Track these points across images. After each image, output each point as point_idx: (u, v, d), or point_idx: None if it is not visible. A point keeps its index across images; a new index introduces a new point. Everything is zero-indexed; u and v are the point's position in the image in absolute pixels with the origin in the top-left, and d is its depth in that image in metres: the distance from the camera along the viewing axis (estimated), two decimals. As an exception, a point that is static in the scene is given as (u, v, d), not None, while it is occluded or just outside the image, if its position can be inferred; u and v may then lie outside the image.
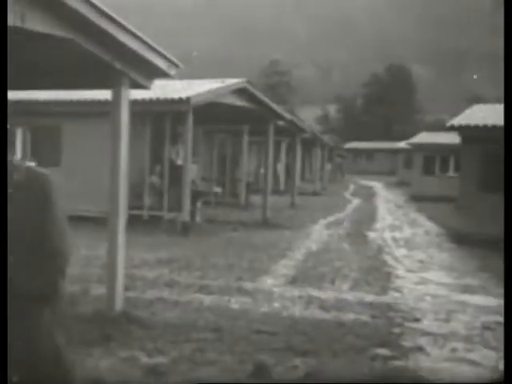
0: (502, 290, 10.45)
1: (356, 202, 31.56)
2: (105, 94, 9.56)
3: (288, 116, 22.72)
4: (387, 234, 18.03)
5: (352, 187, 45.52)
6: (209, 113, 18.80)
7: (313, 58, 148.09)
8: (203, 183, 21.65)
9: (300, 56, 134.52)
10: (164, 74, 7.72)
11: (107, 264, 7.62)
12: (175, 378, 5.81)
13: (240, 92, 18.31)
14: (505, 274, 5.15)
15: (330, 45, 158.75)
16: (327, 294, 9.68)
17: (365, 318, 8.32)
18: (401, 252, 14.74)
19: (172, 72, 7.71)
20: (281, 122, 22.65)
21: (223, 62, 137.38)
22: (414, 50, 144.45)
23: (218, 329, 7.39)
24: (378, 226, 20.44)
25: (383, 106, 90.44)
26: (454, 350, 7.03)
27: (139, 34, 6.93)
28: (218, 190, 22.80)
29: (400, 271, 12.13)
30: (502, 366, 6.50)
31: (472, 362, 6.60)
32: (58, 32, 6.05)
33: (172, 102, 15.82)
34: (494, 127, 16.65)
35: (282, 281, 10.66)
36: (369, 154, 75.40)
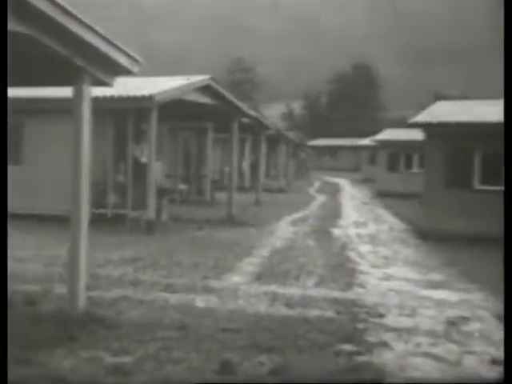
0: (465, 285, 10.59)
1: (321, 198, 31.69)
2: (67, 92, 9.43)
3: (252, 113, 22.71)
4: (352, 231, 18.13)
5: (317, 184, 45.71)
6: (173, 110, 18.70)
7: (277, 55, 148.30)
8: (168, 181, 21.53)
9: (264, 53, 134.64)
10: (126, 71, 7.64)
11: (69, 263, 7.52)
12: (140, 377, 5.76)
13: (204, 89, 18.25)
14: (505, 274, 5.20)
15: (295, 42, 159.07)
16: (292, 291, 9.69)
17: (329, 314, 8.34)
18: (365, 248, 14.83)
19: (135, 69, 7.63)
20: (245, 119, 22.64)
21: (186, 59, 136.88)
22: (381, 48, 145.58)
23: (183, 327, 7.35)
24: (342, 222, 20.54)
25: (348, 103, 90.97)
26: (418, 344, 7.09)
27: (100, 30, 6.85)
28: (183, 187, 22.69)
29: (365, 267, 12.20)
30: (465, 361, 6.57)
31: (436, 357, 6.66)
32: (17, 27, 5.94)
33: (135, 99, 15.69)
34: (458, 124, 16.85)
35: (247, 278, 10.64)
36: (334, 150, 75.79)
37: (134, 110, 16.45)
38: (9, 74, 7.86)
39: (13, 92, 16.34)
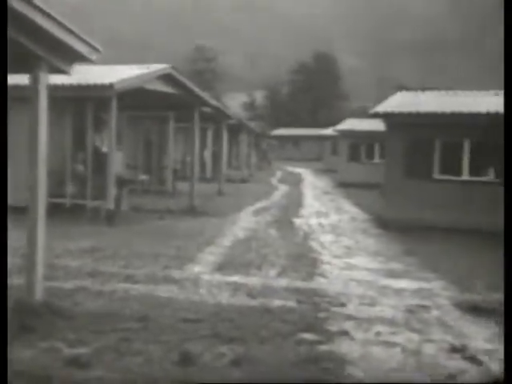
0: (425, 274, 10.68)
1: (283, 188, 31.74)
2: (24, 79, 9.23)
3: (214, 102, 22.60)
4: (314, 221, 18.17)
5: (279, 174, 45.78)
6: (134, 99, 18.50)
7: (239, 44, 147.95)
8: (129, 171, 21.31)
9: (226, 43, 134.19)
10: (84, 59, 7.49)
11: (26, 253, 7.39)
12: (99, 368, 5.68)
13: (165, 78, 18.08)
14: (505, 272, 5.22)
15: (257, 32, 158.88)
16: (254, 281, 9.67)
17: (291, 303, 8.34)
18: (327, 238, 14.88)
19: (93, 57, 7.48)
20: (207, 109, 22.51)
21: (148, 47, 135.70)
22: (344, 40, 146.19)
23: (143, 318, 7.27)
24: (304, 212, 20.59)
25: (310, 93, 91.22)
26: (378, 333, 7.12)
27: (58, 17, 6.69)
28: (144, 177, 22.49)
29: (326, 257, 12.23)
30: (424, 349, 6.62)
31: (396, 345, 6.69)
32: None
33: (95, 87, 15.45)
34: (418, 114, 16.97)
35: (209, 268, 10.58)
36: (296, 140, 75.96)
37: (94, 98, 16.22)
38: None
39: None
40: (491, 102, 17.67)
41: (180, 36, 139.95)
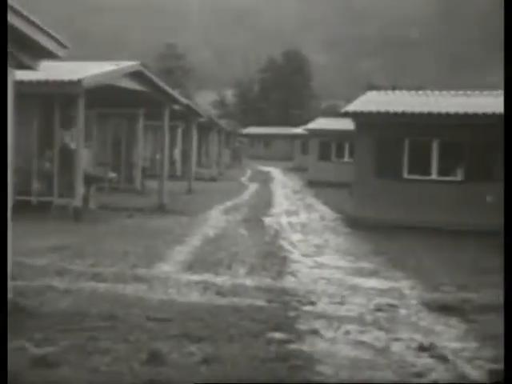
0: (394, 273, 10.74)
1: (253, 187, 31.74)
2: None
3: (184, 100, 22.49)
4: (284, 219, 18.19)
5: (249, 172, 45.77)
6: (103, 96, 18.34)
7: (209, 42, 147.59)
8: (97, 168, 21.12)
9: (196, 41, 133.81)
10: (52, 55, 7.39)
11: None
12: (66, 367, 5.60)
13: (134, 75, 17.95)
14: (505, 274, 5.23)
15: (227, 30, 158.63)
16: (224, 280, 9.64)
17: (261, 302, 8.32)
18: (297, 237, 14.90)
19: (60, 53, 7.39)
20: (177, 107, 22.39)
21: (118, 44, 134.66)
22: (315, 39, 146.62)
23: (111, 317, 7.20)
24: (274, 211, 20.60)
25: (280, 92, 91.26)
26: (347, 332, 7.13)
27: (25, 12, 6.59)
28: (112, 175, 22.29)
29: (296, 256, 12.25)
30: (392, 347, 6.65)
31: (364, 344, 6.71)
32: None
33: (62, 83, 15.27)
34: (387, 114, 17.07)
35: (178, 267, 10.53)
36: (266, 139, 75.94)
37: (62, 95, 16.04)
38: None
39: None
40: (460, 102, 17.86)
41: (150, 34, 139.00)
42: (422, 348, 6.60)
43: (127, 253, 11.45)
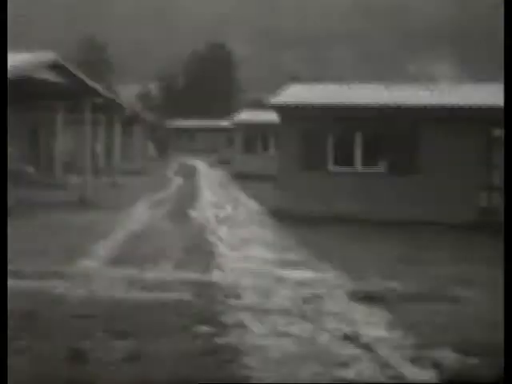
0: (320, 265, 10.82)
1: (179, 180, 31.52)
2: None
3: (106, 93, 22.09)
4: (210, 213, 18.11)
5: (175, 166, 45.43)
6: (19, 88, 17.76)
7: (132, 37, 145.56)
8: (14, 162, 20.50)
9: (118, 33, 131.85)
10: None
11: None
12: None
13: (53, 67, 17.45)
14: (505, 274, 5.24)
15: (150, 22, 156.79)
16: (149, 275, 9.51)
17: (187, 296, 8.25)
18: (223, 230, 14.85)
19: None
20: (99, 100, 21.96)
21: (38, 36, 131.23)
22: (240, 32, 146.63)
23: (31, 315, 6.99)
24: (200, 204, 20.50)
25: (205, 84, 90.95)
26: (274, 324, 7.14)
27: None
28: (30, 169, 21.68)
29: (222, 249, 12.20)
30: (319, 338, 6.69)
31: (291, 335, 6.73)
32: None
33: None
34: (311, 106, 17.21)
35: (102, 262, 10.34)
36: (191, 132, 75.51)
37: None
38: None
39: None
40: (383, 95, 18.17)
41: (70, 25, 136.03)
42: (346, 337, 6.66)
43: (48, 249, 11.17)
